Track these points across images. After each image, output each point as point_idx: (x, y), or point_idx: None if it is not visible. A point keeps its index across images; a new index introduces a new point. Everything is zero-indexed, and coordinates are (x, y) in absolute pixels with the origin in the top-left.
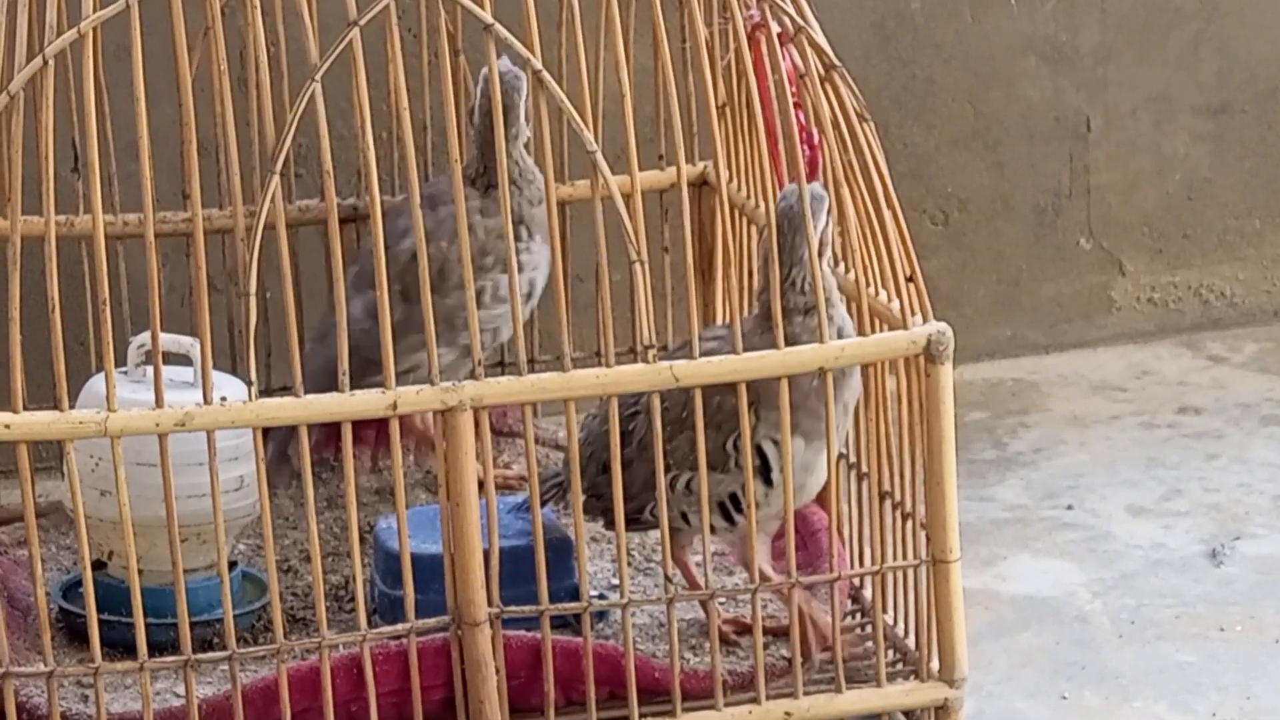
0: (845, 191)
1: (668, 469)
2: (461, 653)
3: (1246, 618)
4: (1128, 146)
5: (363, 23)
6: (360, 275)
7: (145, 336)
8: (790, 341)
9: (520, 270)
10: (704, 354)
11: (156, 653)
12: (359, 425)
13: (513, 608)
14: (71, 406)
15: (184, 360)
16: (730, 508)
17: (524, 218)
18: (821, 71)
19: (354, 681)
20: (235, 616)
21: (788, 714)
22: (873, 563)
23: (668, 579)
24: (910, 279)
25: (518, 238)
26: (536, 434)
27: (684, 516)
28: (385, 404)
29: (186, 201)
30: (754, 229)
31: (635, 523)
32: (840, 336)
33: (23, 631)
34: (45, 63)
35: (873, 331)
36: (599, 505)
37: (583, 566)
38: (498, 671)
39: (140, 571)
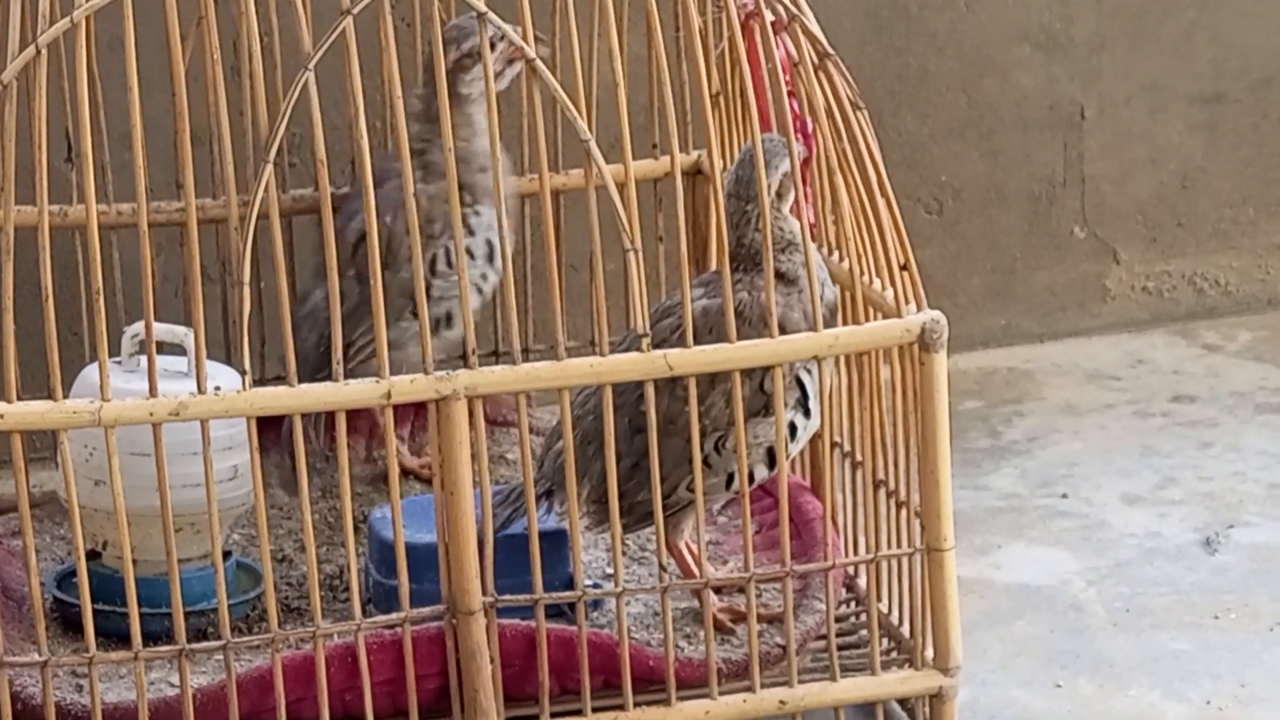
0: (839, 180)
1: (705, 433)
2: (456, 642)
3: (1241, 606)
4: (1122, 135)
5: (356, 11)
6: (319, 265)
7: (139, 326)
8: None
9: (473, 233)
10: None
11: (151, 642)
12: (353, 415)
13: (507, 596)
14: (65, 396)
15: (178, 350)
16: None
17: (466, 184)
18: (815, 60)
19: (349, 671)
20: (230, 606)
21: (782, 703)
22: (867, 551)
23: (662, 568)
24: (904, 268)
25: (463, 203)
26: (531, 423)
27: (729, 480)
28: (379, 393)
29: (180, 191)
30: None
31: (665, 507)
32: (796, 284)
33: (17, 621)
34: (38, 52)
35: (867, 320)
36: (621, 505)
37: (577, 555)
38: (492, 660)
39: (135, 561)
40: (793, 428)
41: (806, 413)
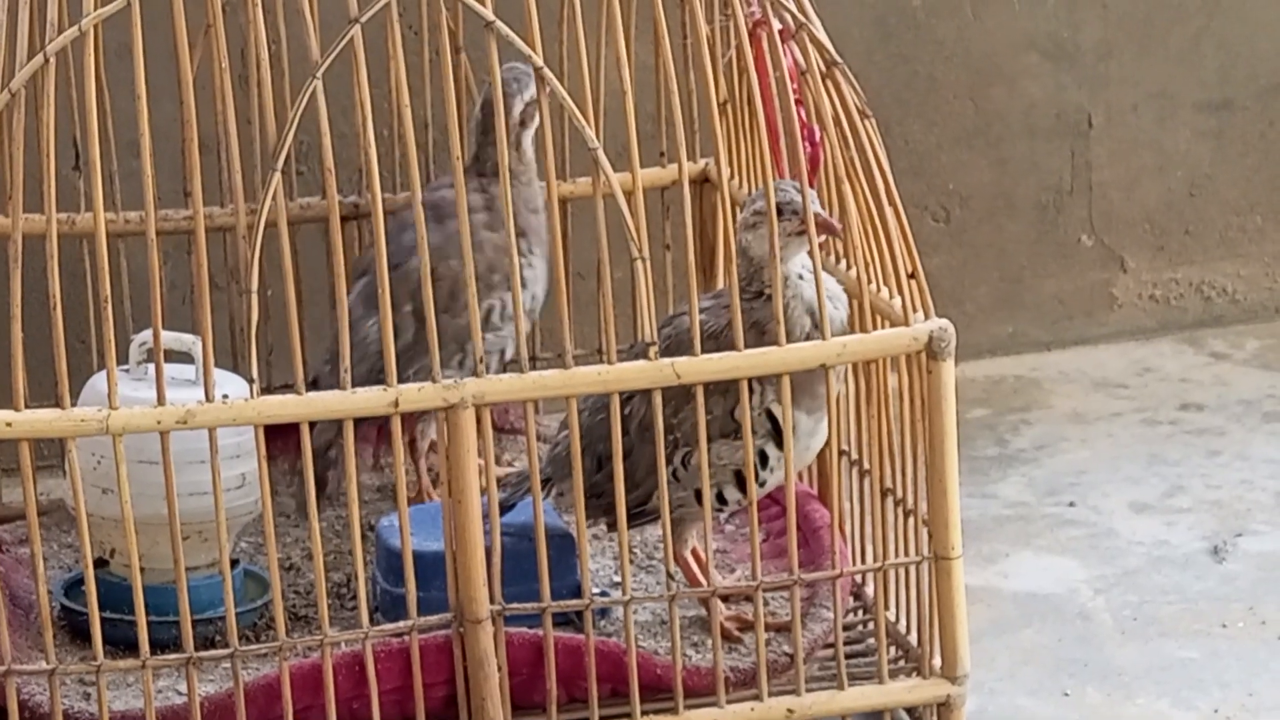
0: (847, 188)
1: (677, 445)
2: (463, 650)
3: (1248, 614)
4: (1129, 143)
5: (364, 20)
6: (370, 287)
7: (147, 334)
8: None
9: (524, 286)
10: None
11: (158, 650)
12: (361, 423)
13: (514, 605)
14: (73, 404)
15: (186, 358)
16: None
17: (525, 229)
18: (823, 68)
19: (356, 679)
20: (237, 614)
21: (790, 711)
22: (875, 560)
23: (670, 576)
24: (912, 276)
25: (520, 252)
26: (538, 431)
27: (697, 495)
28: (387, 401)
29: (188, 199)
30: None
31: (641, 515)
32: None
33: (25, 629)
34: (46, 60)
35: (874, 329)
36: (599, 504)
37: (584, 563)
38: (500, 669)
39: (142, 569)
40: (764, 456)
41: (778, 444)
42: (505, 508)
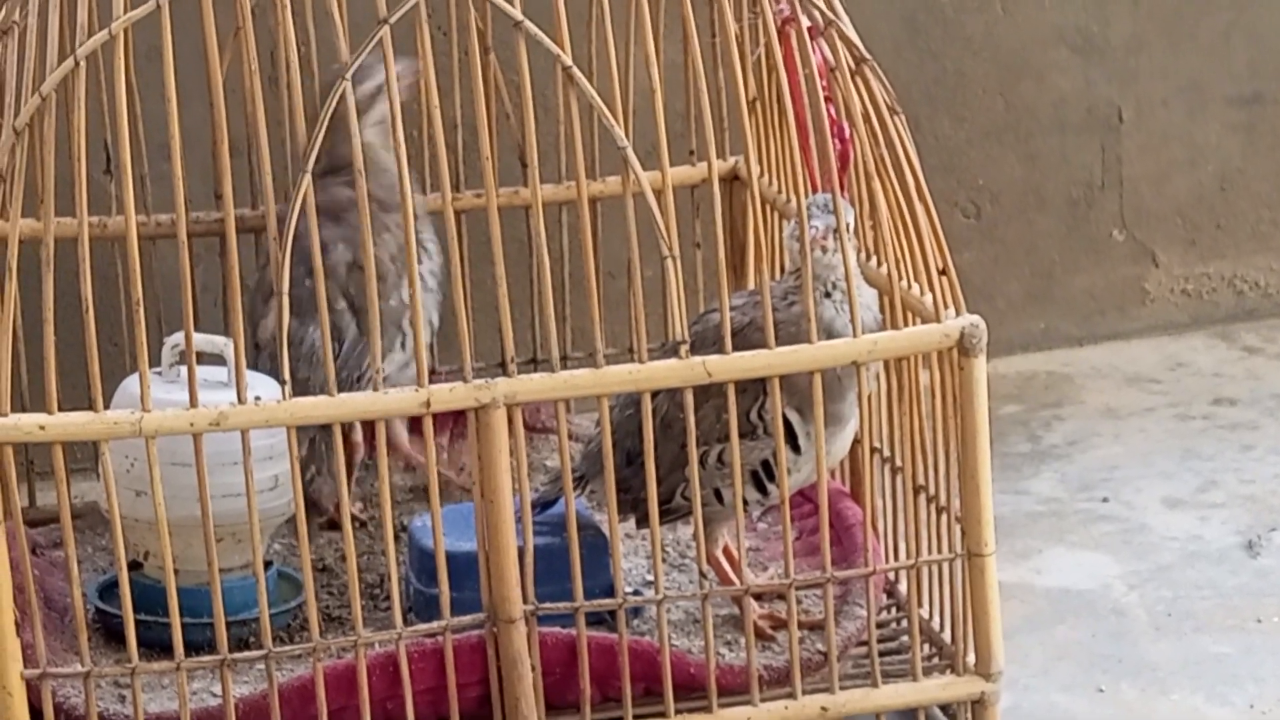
0: (877, 185)
1: (696, 443)
2: (497, 650)
3: None
4: (1160, 137)
5: (393, 20)
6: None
7: (179, 336)
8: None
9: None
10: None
11: (193, 652)
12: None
13: (548, 604)
14: (106, 407)
15: (218, 360)
16: (763, 476)
17: (389, 204)
18: (852, 65)
19: (390, 679)
20: (271, 616)
21: (824, 709)
22: (908, 557)
23: (702, 575)
24: (943, 272)
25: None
26: (570, 430)
27: (717, 494)
28: (419, 401)
29: (219, 201)
30: (785, 223)
31: (665, 512)
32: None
33: (60, 632)
34: (77, 64)
35: (906, 325)
36: (626, 499)
37: (617, 562)
38: (533, 668)
39: (176, 571)
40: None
41: (796, 449)
42: (544, 504)
